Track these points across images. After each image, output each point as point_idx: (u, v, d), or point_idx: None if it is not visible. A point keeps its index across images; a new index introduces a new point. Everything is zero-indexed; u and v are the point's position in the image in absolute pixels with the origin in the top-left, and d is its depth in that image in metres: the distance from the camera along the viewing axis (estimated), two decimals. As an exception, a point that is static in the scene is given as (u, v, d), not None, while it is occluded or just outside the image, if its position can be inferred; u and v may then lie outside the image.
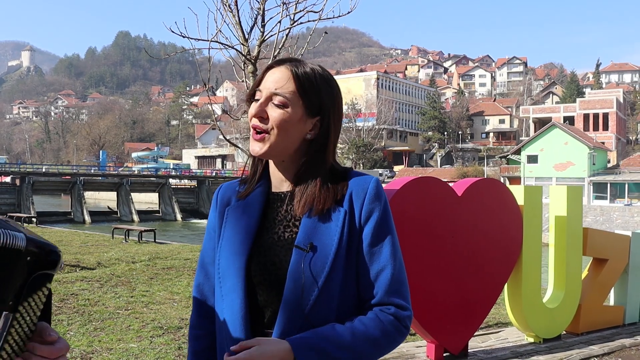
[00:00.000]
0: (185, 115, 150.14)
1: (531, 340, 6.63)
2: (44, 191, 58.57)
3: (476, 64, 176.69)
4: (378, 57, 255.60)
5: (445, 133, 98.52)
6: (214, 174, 72.39)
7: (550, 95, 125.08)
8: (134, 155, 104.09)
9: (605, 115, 72.85)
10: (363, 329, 1.44)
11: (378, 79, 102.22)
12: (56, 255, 1.15)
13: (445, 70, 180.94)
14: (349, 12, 6.40)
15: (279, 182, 1.61)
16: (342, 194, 1.53)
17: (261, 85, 1.54)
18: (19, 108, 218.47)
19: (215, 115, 7.82)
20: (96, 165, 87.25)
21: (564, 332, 6.96)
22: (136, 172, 70.84)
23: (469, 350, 5.99)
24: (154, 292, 9.22)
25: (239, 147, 7.83)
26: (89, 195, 63.77)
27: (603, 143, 66.95)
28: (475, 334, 6.63)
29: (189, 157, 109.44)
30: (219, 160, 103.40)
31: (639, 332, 7.33)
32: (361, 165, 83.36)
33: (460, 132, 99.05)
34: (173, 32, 5.83)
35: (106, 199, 71.82)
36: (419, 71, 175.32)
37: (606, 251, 7.38)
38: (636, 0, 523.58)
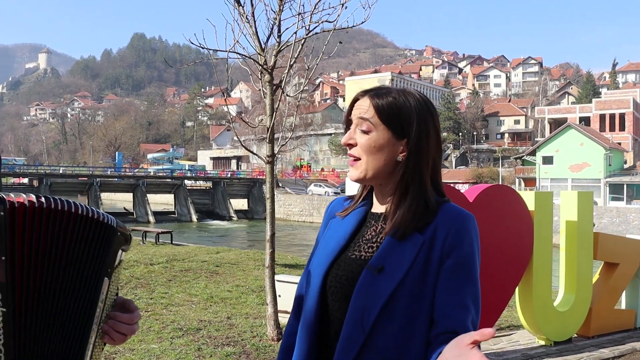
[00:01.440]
0: (200, 116, 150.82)
1: (542, 343, 6.75)
2: (61, 192, 58.97)
3: (491, 64, 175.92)
4: (392, 57, 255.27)
5: (460, 134, 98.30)
6: (229, 175, 72.68)
7: (566, 95, 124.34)
8: (149, 156, 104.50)
9: (622, 116, 72.30)
10: None
11: (392, 79, 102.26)
12: (130, 236, 1.46)
13: (460, 70, 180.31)
14: (362, 22, 6.55)
15: (379, 203, 1.69)
16: (427, 222, 1.55)
17: (351, 115, 1.66)
18: (36, 110, 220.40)
19: (230, 117, 8.00)
20: (112, 166, 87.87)
21: (575, 335, 7.07)
22: (152, 174, 71.21)
23: (480, 353, 6.12)
24: (172, 294, 9.42)
25: (252, 152, 8.00)
26: (106, 197, 64.30)
27: (619, 144, 66.50)
28: (487, 336, 6.77)
29: (204, 158, 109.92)
30: (234, 162, 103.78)
31: (650, 335, 7.43)
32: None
33: (475, 133, 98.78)
34: (192, 43, 6.03)
35: (122, 200, 72.37)
36: (433, 72, 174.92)
37: (617, 255, 7.48)
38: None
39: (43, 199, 1.28)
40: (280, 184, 66.05)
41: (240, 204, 63.90)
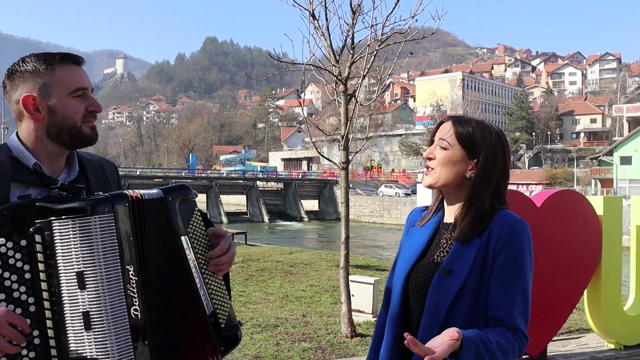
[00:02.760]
0: (271, 118, 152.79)
1: (611, 346, 6.82)
2: (138, 193, 60.99)
3: (566, 62, 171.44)
4: (463, 56, 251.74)
5: (533, 134, 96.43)
6: (300, 177, 73.57)
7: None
8: (222, 158, 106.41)
9: None
10: (503, 342, 1.75)
11: (463, 79, 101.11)
12: (188, 189, 1.90)
13: (533, 68, 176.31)
14: (432, 33, 6.82)
15: (449, 213, 2.04)
16: (484, 228, 1.89)
17: (435, 136, 2.05)
18: (113, 113, 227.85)
19: (304, 118, 8.40)
20: (186, 167, 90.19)
21: (646, 340, 7.09)
22: (224, 175, 72.80)
23: (547, 354, 6.28)
24: (250, 292, 9.89)
25: (325, 157, 8.36)
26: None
27: None
28: (556, 338, 6.91)
29: (275, 159, 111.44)
30: (304, 163, 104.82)
31: None
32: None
33: (549, 133, 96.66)
34: (271, 57, 6.45)
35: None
36: (505, 70, 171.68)
37: (690, 260, 7.45)
38: None
39: (141, 193, 1.77)
40: (350, 185, 66.22)
41: (311, 204, 64.51)
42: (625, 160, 59.54)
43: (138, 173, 69.54)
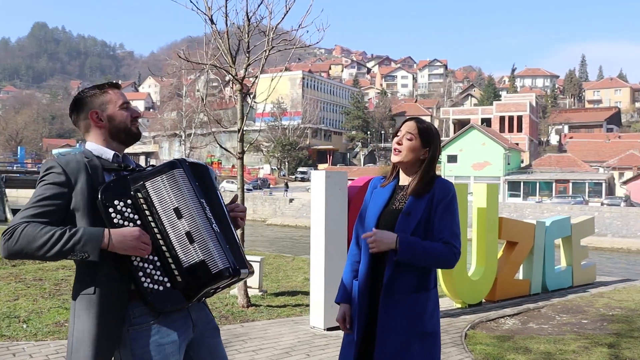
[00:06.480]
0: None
1: (459, 305, 8.33)
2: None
3: (398, 65, 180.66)
4: (302, 55, 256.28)
5: (368, 132, 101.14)
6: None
7: (469, 97, 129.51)
8: (54, 151, 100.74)
9: (520, 118, 76.79)
10: (437, 246, 2.82)
11: (303, 78, 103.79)
12: (210, 168, 2.75)
13: (369, 70, 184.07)
14: (317, 42, 7.91)
15: (404, 179, 3.07)
16: (430, 188, 2.93)
17: (400, 129, 3.05)
18: None
19: (140, 111, 9.12)
20: (15, 161, 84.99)
21: (484, 300, 8.71)
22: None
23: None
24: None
25: (222, 146, 9.14)
26: (11, 193, 62.44)
27: (517, 144, 70.73)
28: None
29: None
30: (142, 157, 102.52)
31: (540, 299, 9.21)
32: (286, 163, 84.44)
33: (382, 132, 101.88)
34: (180, 57, 7.18)
35: (26, 197, 70.26)
36: (342, 71, 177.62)
37: (516, 236, 9.20)
38: (548, 10, 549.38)
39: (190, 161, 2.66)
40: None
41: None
42: (452, 159, 64.60)
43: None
